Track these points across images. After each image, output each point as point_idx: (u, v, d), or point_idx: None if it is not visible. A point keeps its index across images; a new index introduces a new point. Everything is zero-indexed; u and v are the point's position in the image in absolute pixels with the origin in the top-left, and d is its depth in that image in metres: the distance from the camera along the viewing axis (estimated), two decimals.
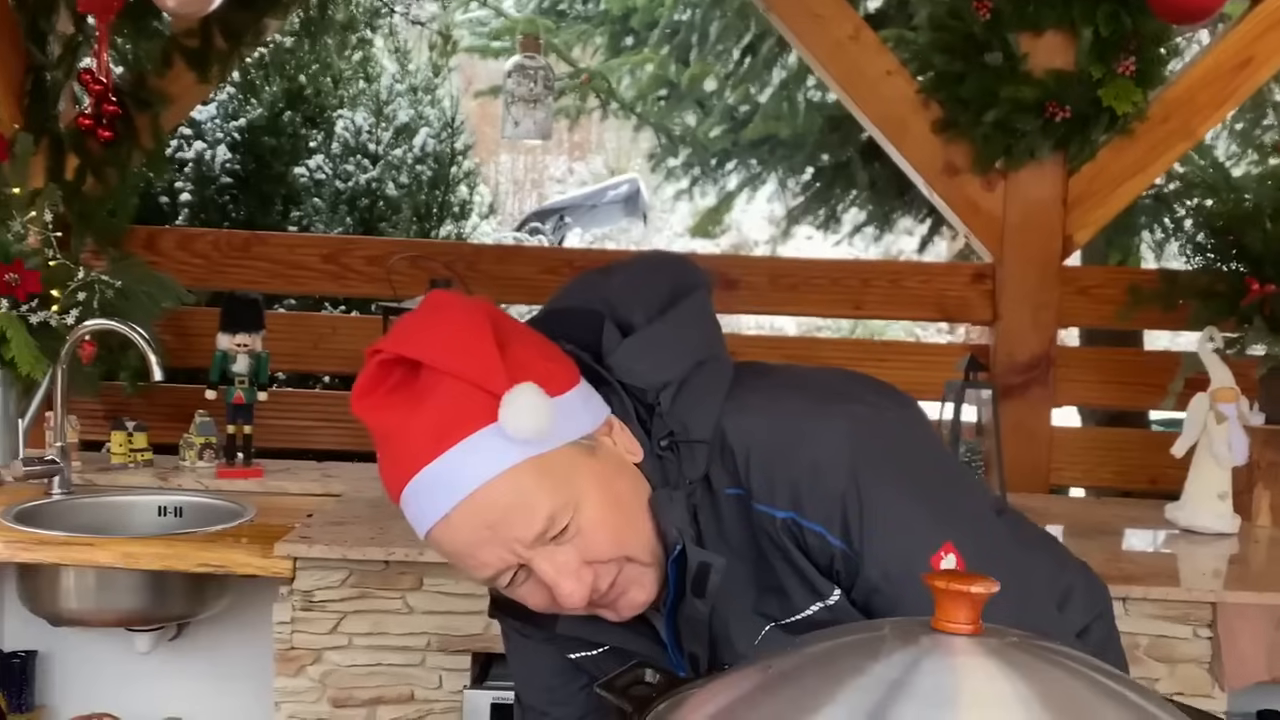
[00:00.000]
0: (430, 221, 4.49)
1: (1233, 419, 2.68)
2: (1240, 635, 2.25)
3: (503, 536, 1.19)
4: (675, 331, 1.31)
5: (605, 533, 1.22)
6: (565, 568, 1.21)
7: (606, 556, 1.22)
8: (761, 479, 1.24)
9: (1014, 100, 3.10)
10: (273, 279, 3.40)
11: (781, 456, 1.24)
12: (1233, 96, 3.21)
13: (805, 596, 1.27)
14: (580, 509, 1.20)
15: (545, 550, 1.20)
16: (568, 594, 1.21)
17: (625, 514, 1.24)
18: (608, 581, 1.24)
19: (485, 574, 1.23)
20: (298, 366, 3.69)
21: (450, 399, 1.16)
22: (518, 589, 1.25)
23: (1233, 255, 2.87)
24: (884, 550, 1.22)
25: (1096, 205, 3.23)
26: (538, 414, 1.16)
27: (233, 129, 4.18)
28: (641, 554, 1.25)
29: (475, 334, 1.18)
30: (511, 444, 1.16)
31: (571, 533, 1.20)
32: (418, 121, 4.62)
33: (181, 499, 2.81)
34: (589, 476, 1.21)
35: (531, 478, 1.18)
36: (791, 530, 1.24)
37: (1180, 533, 2.72)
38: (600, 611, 1.28)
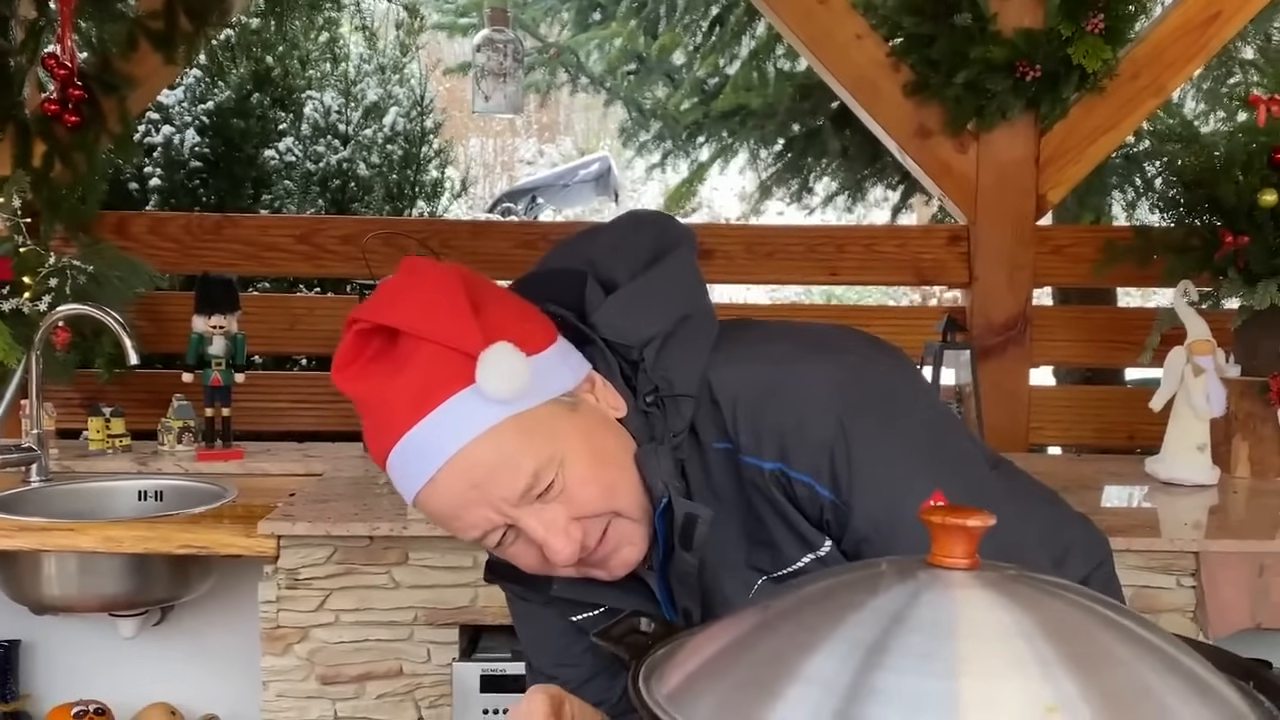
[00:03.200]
0: (403, 201, 4.46)
1: (1210, 371, 2.70)
2: (1223, 584, 2.27)
3: (489, 496, 1.19)
4: (659, 287, 1.30)
5: (592, 487, 1.21)
6: (553, 525, 1.21)
7: (594, 511, 1.22)
8: (748, 431, 1.24)
9: (984, 61, 3.10)
10: (246, 261, 3.38)
11: (768, 407, 1.24)
12: (1202, 51, 3.22)
13: (796, 548, 1.27)
14: (565, 465, 1.20)
15: (532, 509, 1.20)
16: (557, 550, 1.21)
17: (611, 468, 1.23)
18: (596, 537, 1.23)
19: (473, 534, 1.23)
20: (274, 349, 3.66)
21: (428, 363, 1.17)
22: (508, 549, 1.25)
23: (1205, 209, 2.87)
24: (872, 500, 1.22)
25: (1069, 163, 3.24)
26: (514, 373, 1.16)
27: (200, 112, 4.13)
28: (629, 509, 1.24)
29: (450, 297, 1.18)
30: (491, 404, 1.16)
31: (557, 489, 1.20)
32: (387, 101, 4.58)
33: (161, 483, 2.80)
34: (572, 432, 1.21)
35: (513, 436, 1.18)
36: (780, 481, 1.24)
37: (1161, 485, 2.74)
38: (592, 572, 1.28)
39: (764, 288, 5.15)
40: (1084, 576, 1.46)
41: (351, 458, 2.97)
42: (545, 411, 1.20)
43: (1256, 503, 2.65)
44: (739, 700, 0.79)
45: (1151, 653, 0.81)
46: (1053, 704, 0.74)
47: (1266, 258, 2.72)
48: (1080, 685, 0.75)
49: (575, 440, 1.21)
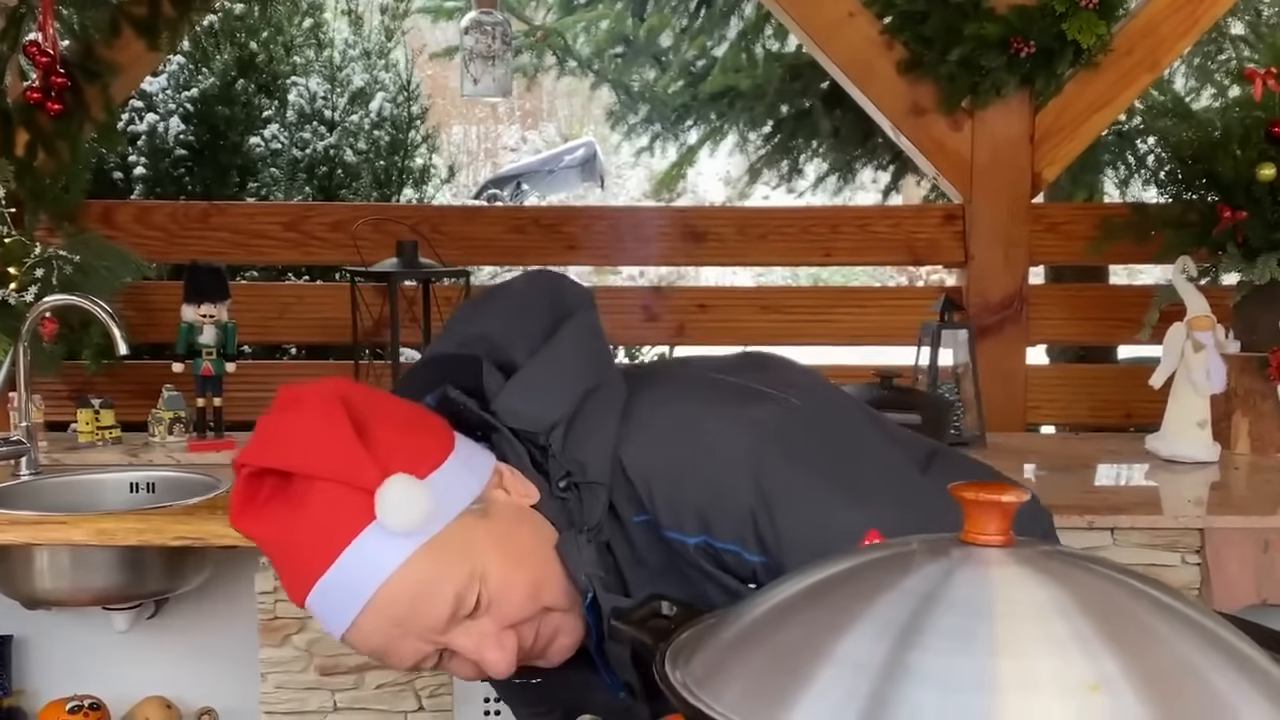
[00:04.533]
0: (390, 188, 4.42)
1: (1210, 347, 2.69)
2: (1228, 560, 2.26)
3: (415, 629, 1.17)
4: (559, 363, 1.26)
5: (517, 592, 1.19)
6: (485, 639, 1.19)
7: (523, 616, 1.20)
8: (666, 508, 1.22)
9: (978, 37, 3.08)
10: (234, 249, 3.34)
11: (683, 482, 1.21)
12: (1195, 26, 3.20)
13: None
14: (486, 579, 1.18)
15: (461, 628, 1.18)
16: (494, 663, 1.20)
17: (533, 567, 1.21)
18: (531, 638, 1.22)
19: (408, 664, 1.21)
20: (264, 338, 3.63)
21: (326, 504, 1.13)
22: (446, 665, 1.23)
23: (1203, 184, 2.86)
24: (804, 555, 1.15)
25: (1064, 140, 3.22)
26: (414, 504, 1.12)
27: (185, 100, 4.09)
28: (558, 601, 1.23)
29: (334, 429, 1.13)
30: (397, 538, 1.13)
31: (483, 605, 1.18)
32: (373, 86, 4.54)
33: (153, 474, 2.76)
34: (487, 542, 1.18)
35: (428, 565, 1.15)
36: (707, 553, 1.22)
37: (1162, 463, 2.72)
38: (533, 662, 1.27)
39: (750, 270, 5.12)
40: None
41: None
42: (455, 528, 1.16)
43: (1258, 478, 2.64)
44: (769, 683, 0.76)
45: (1190, 627, 0.78)
46: (1094, 682, 0.72)
47: (1265, 232, 2.71)
48: (1121, 662, 0.73)
49: (491, 550, 1.18)
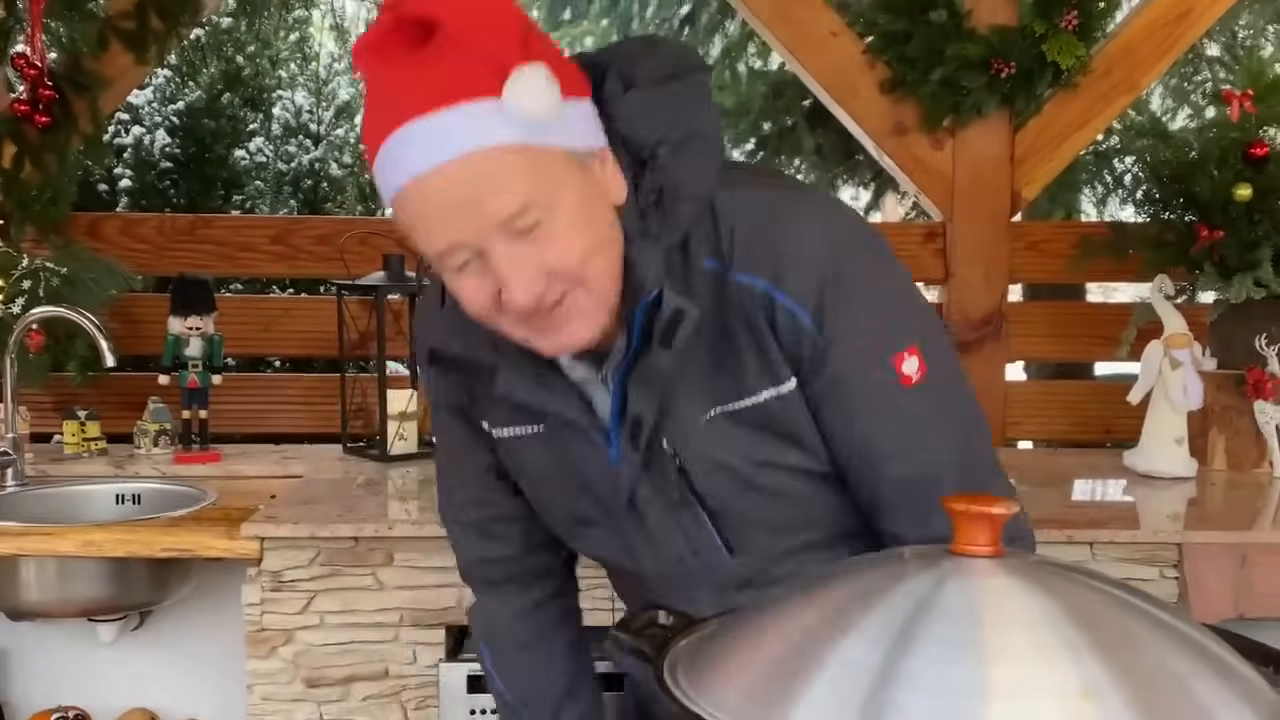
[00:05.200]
0: (375, 201, 4.44)
1: (1187, 364, 2.73)
2: (1205, 575, 2.29)
3: (473, 211, 1.13)
4: (678, 97, 1.27)
5: (573, 242, 1.17)
6: (522, 266, 1.15)
7: (565, 268, 1.17)
8: (744, 250, 1.24)
9: (960, 58, 3.11)
10: (220, 262, 3.34)
11: (770, 230, 1.24)
12: (1173, 48, 3.25)
13: (760, 379, 1.26)
14: (555, 211, 1.15)
15: (507, 241, 1.15)
16: (517, 292, 1.16)
17: (596, 236, 1.19)
18: (553, 299, 1.19)
19: (440, 247, 1.16)
20: (249, 351, 3.63)
21: (460, 62, 1.12)
22: (463, 278, 1.18)
23: (1181, 204, 2.90)
24: (854, 343, 1.24)
25: (1044, 160, 3.26)
26: (542, 97, 1.12)
27: (171, 113, 4.10)
28: (596, 284, 1.20)
29: (503, 9, 1.15)
30: (509, 122, 1.12)
31: (540, 233, 1.15)
32: (359, 100, 4.56)
33: (139, 486, 2.77)
34: (573, 185, 1.17)
35: (518, 160, 1.13)
36: (766, 304, 1.24)
37: (1140, 478, 2.76)
38: (536, 340, 1.22)
39: None
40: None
41: (330, 459, 2.95)
42: (557, 155, 1.15)
43: (1234, 494, 2.68)
44: (767, 687, 0.79)
45: (1176, 637, 0.81)
46: (1084, 690, 0.74)
47: (1241, 251, 2.75)
48: (1109, 670, 0.75)
49: (573, 194, 1.17)
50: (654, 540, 1.36)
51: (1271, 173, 2.78)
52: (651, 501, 1.33)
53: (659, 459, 1.30)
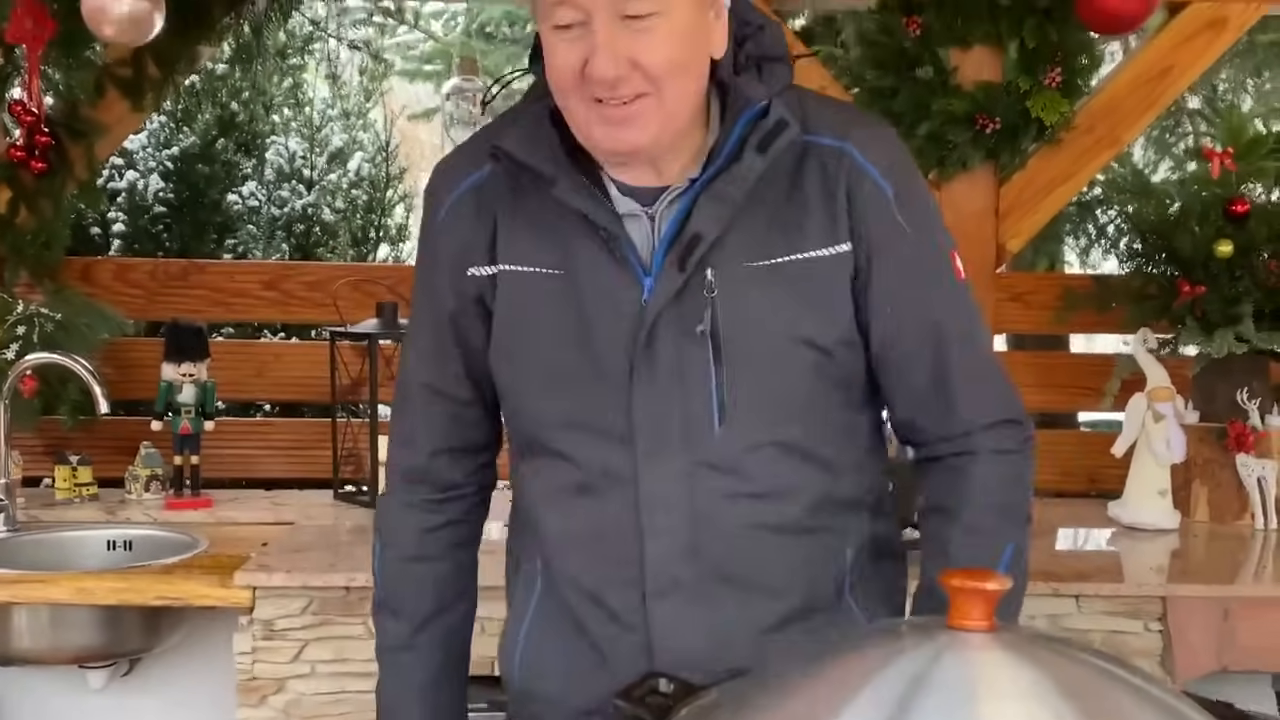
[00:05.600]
0: (367, 245, 4.48)
1: (1170, 417, 2.77)
2: (1189, 628, 2.32)
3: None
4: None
5: (668, 49, 1.28)
6: (616, 43, 1.26)
7: (651, 65, 1.27)
8: (824, 121, 1.38)
9: (945, 113, 3.16)
10: (213, 307, 3.37)
11: (846, 112, 1.44)
12: (1155, 105, 3.30)
13: (821, 236, 1.36)
14: (666, 15, 1.27)
15: (612, 20, 1.26)
16: (602, 63, 1.25)
17: (687, 59, 1.30)
18: (629, 92, 1.28)
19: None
20: (241, 396, 3.65)
21: None
22: (561, 40, 1.28)
23: (1163, 259, 2.95)
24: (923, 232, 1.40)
25: (1028, 213, 3.30)
26: None
27: (165, 158, 4.13)
28: (671, 97, 1.30)
29: None
30: None
31: (644, 27, 1.26)
32: (351, 146, 4.60)
33: (131, 532, 2.78)
34: (690, 8, 1.29)
35: None
36: (848, 166, 1.37)
37: (1124, 529, 2.79)
38: (599, 127, 1.30)
39: None
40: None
41: (321, 506, 2.96)
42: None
43: (1217, 546, 2.71)
44: None
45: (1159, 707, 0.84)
46: None
47: (1223, 307, 2.79)
48: None
49: (687, 14, 1.29)
50: (649, 391, 1.36)
51: (1252, 229, 2.84)
52: (668, 339, 1.36)
53: (694, 289, 1.35)
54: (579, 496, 1.42)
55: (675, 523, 1.37)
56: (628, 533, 1.39)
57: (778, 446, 1.38)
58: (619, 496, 1.39)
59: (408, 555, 1.57)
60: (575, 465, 1.42)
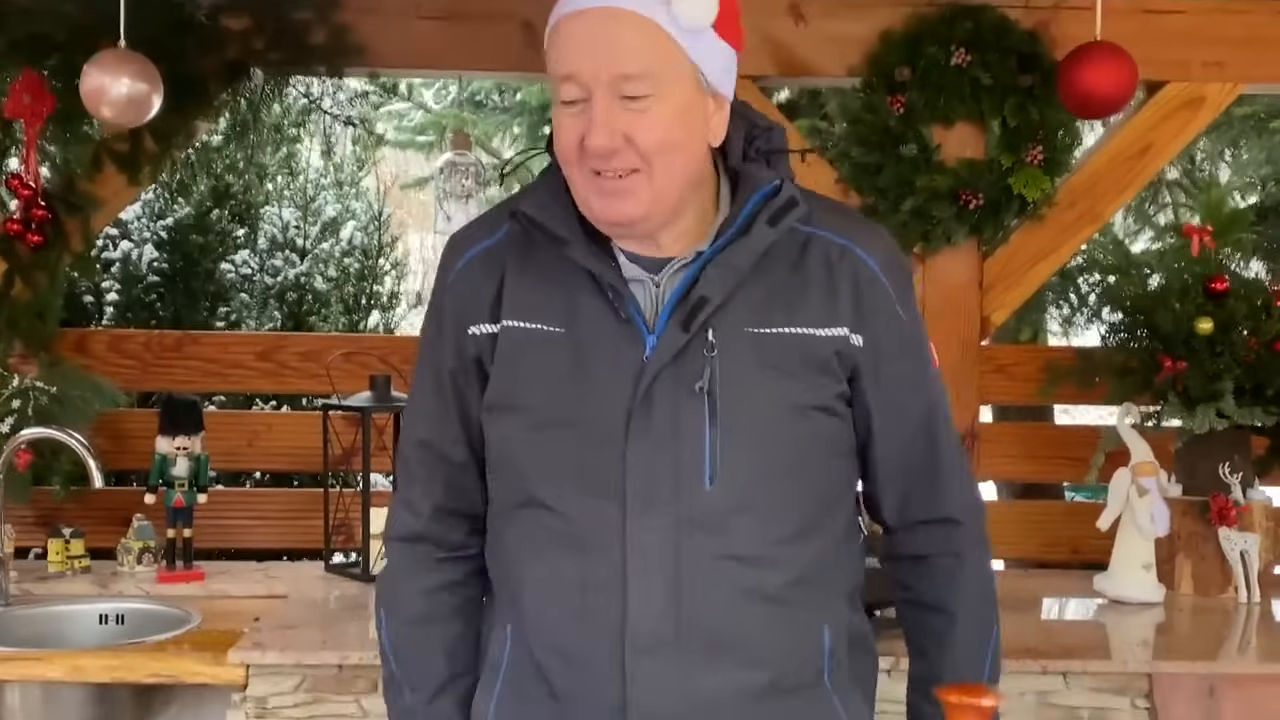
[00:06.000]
0: (359, 313, 4.51)
1: (1154, 492, 2.81)
2: (1174, 705, 2.34)
3: (605, 51, 1.36)
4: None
5: (659, 130, 1.38)
6: (610, 119, 1.37)
7: (641, 144, 1.37)
8: (824, 219, 1.49)
9: (929, 189, 3.22)
10: (207, 378, 3.39)
11: (843, 213, 1.55)
12: (1135, 182, 3.37)
13: (819, 316, 1.45)
14: (660, 99, 1.37)
15: (610, 98, 1.37)
16: (598, 137, 1.36)
17: (679, 140, 1.40)
18: (621, 168, 1.38)
19: (566, 70, 1.39)
20: (234, 465, 3.67)
21: None
22: (566, 114, 1.40)
23: (1144, 335, 3.00)
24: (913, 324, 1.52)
25: (1011, 287, 3.36)
26: (702, 6, 1.38)
27: (160, 228, 4.17)
28: (661, 175, 1.40)
29: None
30: (669, 17, 1.37)
31: (638, 108, 1.37)
32: (344, 215, 4.65)
33: (123, 606, 2.78)
34: (685, 94, 1.40)
35: (658, 41, 1.38)
36: (848, 256, 1.47)
37: (1109, 603, 2.82)
38: (595, 198, 1.41)
39: None
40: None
41: (312, 579, 2.97)
42: (688, 65, 1.40)
43: (1202, 620, 2.74)
44: None
45: None
46: None
47: (1204, 383, 2.84)
48: None
49: (681, 99, 1.39)
50: (643, 446, 1.41)
51: (1231, 306, 2.89)
52: (665, 396, 1.41)
53: (695, 349, 1.42)
54: (564, 548, 1.45)
55: (660, 580, 1.40)
56: (612, 586, 1.41)
57: (765, 510, 1.43)
58: (605, 550, 1.42)
59: (415, 618, 1.59)
60: (562, 517, 1.44)
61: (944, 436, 1.56)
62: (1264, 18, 3.31)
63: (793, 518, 1.44)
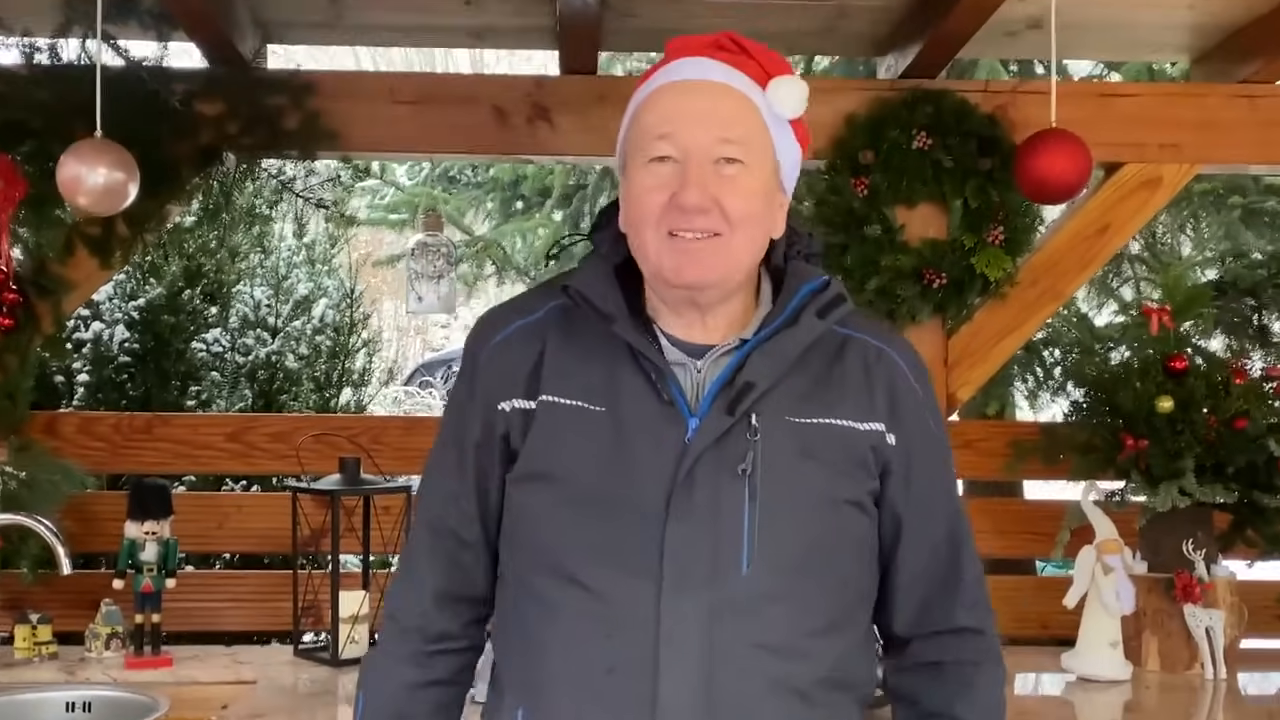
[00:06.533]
0: (330, 390, 4.52)
1: (1119, 569, 2.83)
2: None
3: (708, 117, 1.45)
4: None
5: (744, 201, 1.45)
6: (705, 181, 1.43)
7: (730, 209, 1.44)
8: (858, 324, 1.55)
9: (894, 269, 3.27)
10: (176, 460, 3.39)
11: (882, 324, 1.64)
12: (1094, 260, 3.44)
13: (855, 410, 1.49)
14: (749, 173, 1.45)
15: (704, 162, 1.44)
16: (694, 190, 1.43)
17: (757, 216, 1.47)
18: (706, 229, 1.44)
19: (663, 130, 1.46)
20: (204, 548, 3.66)
21: (747, 59, 1.50)
22: (653, 171, 1.46)
23: (1106, 412, 3.04)
24: (941, 436, 1.56)
25: (975, 364, 3.41)
26: (792, 97, 1.49)
27: (131, 308, 4.18)
28: (738, 245, 1.46)
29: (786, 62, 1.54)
30: (764, 102, 1.48)
31: (729, 174, 1.44)
32: (316, 293, 4.67)
33: (91, 694, 2.76)
34: (765, 179, 1.48)
35: (755, 122, 1.48)
36: (884, 358, 1.52)
37: (1077, 680, 2.84)
38: (673, 257, 1.45)
39: None
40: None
41: (281, 663, 2.96)
42: (770, 152, 1.49)
43: (1168, 697, 2.76)
44: None
45: None
46: None
47: (1166, 461, 2.88)
48: None
49: (762, 181, 1.47)
50: (682, 527, 1.41)
51: (1191, 385, 2.93)
52: (707, 478, 1.42)
53: (737, 433, 1.44)
54: (592, 626, 1.43)
55: (692, 664, 1.39)
56: (644, 669, 1.39)
57: (799, 599, 1.44)
58: (638, 631, 1.40)
59: (393, 714, 1.57)
60: (595, 596, 1.43)
61: (967, 546, 1.58)
62: (1217, 100, 3.40)
63: (824, 610, 1.45)
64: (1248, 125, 3.39)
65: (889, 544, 1.54)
